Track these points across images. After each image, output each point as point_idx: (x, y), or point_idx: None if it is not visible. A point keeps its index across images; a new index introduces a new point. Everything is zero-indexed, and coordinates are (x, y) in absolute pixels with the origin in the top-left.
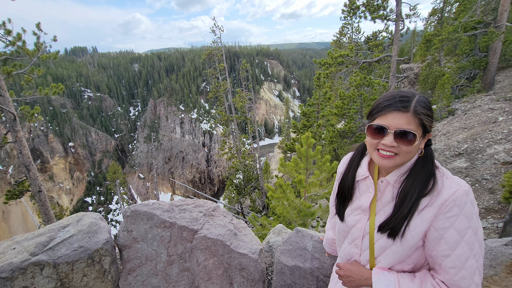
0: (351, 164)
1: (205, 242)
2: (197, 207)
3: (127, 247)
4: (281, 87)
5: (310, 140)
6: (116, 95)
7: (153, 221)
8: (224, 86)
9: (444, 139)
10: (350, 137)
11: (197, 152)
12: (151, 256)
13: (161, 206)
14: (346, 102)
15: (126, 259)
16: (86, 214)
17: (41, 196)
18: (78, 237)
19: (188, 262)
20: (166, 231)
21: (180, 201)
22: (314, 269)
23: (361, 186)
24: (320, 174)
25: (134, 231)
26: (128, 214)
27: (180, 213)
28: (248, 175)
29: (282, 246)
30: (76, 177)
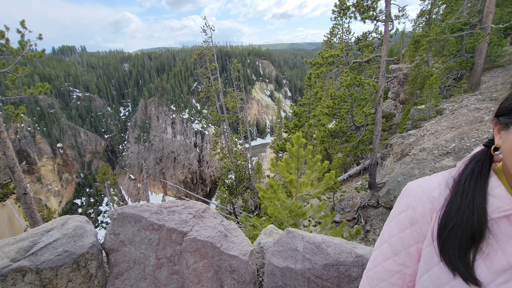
0: (464, 190)
1: (194, 244)
2: (187, 209)
3: (114, 251)
4: (273, 87)
5: (301, 140)
6: (105, 95)
7: (141, 224)
8: (215, 86)
9: (432, 138)
10: (341, 137)
11: (188, 153)
12: (139, 259)
13: (149, 208)
14: (337, 102)
15: (113, 263)
16: (72, 217)
17: (27, 198)
18: (62, 241)
19: (177, 265)
20: (155, 233)
21: (169, 202)
22: (305, 270)
23: (503, 228)
24: (311, 174)
25: (122, 234)
26: (115, 216)
27: (169, 215)
28: (240, 175)
29: (273, 247)
30: (65, 178)
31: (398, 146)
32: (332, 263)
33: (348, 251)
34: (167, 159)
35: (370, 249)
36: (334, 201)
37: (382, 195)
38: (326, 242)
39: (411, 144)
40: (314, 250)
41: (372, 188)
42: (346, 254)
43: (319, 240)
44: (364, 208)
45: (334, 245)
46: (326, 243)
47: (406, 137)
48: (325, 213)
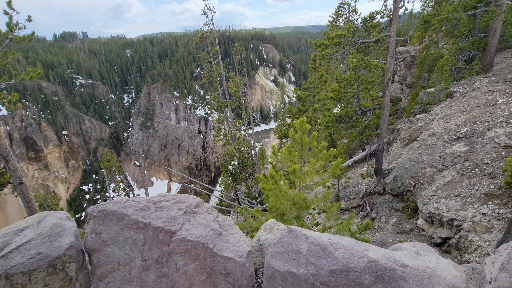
0: None
1: (184, 245)
2: (177, 204)
3: (96, 251)
4: (277, 72)
5: (305, 126)
6: (108, 81)
7: (124, 222)
8: (217, 71)
9: (442, 122)
10: (346, 122)
11: (192, 139)
12: (124, 260)
13: (134, 204)
14: (342, 85)
15: (96, 264)
16: (50, 213)
17: (23, 188)
18: (36, 242)
19: (166, 268)
20: (140, 233)
21: (159, 196)
22: (309, 276)
23: None
24: (316, 163)
25: (103, 233)
26: (95, 214)
27: (157, 211)
28: (243, 162)
29: (273, 248)
30: (72, 165)
31: (405, 131)
32: (341, 269)
33: (359, 254)
34: (171, 145)
35: (384, 252)
36: (338, 187)
37: (389, 182)
38: (333, 244)
39: (419, 129)
40: (319, 253)
41: (378, 175)
42: (357, 258)
43: (326, 241)
44: (369, 195)
45: (343, 248)
46: (334, 245)
47: (414, 122)
48: (330, 202)
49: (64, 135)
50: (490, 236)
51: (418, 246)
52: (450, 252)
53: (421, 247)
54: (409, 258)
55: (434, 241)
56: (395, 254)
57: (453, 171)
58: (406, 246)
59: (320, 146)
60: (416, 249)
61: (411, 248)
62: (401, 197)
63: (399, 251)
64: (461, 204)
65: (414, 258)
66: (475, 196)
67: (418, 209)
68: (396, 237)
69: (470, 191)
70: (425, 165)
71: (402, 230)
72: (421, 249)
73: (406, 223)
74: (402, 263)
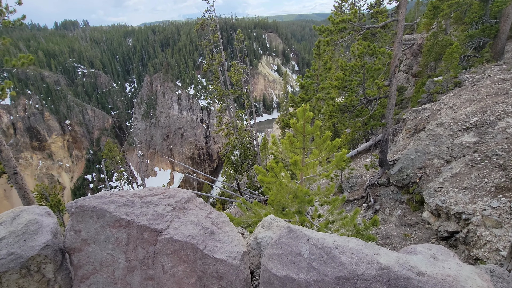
0: None
1: (171, 245)
2: (166, 199)
3: (76, 251)
4: (280, 61)
5: (308, 114)
6: (110, 71)
7: (104, 219)
8: (219, 59)
9: (450, 112)
10: (351, 111)
11: (195, 129)
12: (107, 261)
13: (118, 199)
14: (347, 73)
15: (76, 264)
16: (27, 208)
17: (17, 178)
18: (9, 241)
19: (152, 269)
20: (122, 231)
21: (147, 190)
22: (311, 283)
23: None
24: (319, 154)
25: (83, 231)
26: (73, 210)
27: (142, 207)
28: (245, 152)
29: (271, 249)
30: (75, 155)
31: (411, 121)
32: (347, 276)
33: (369, 259)
34: (174, 135)
35: (397, 257)
36: (341, 179)
37: (394, 173)
38: (339, 247)
39: (426, 118)
40: (323, 257)
41: (383, 166)
42: (365, 264)
43: (330, 243)
44: (373, 186)
45: (350, 251)
46: (340, 248)
47: (420, 112)
48: (333, 194)
49: (67, 124)
50: (500, 231)
51: (435, 249)
52: (457, 247)
53: (438, 250)
54: (426, 264)
55: (441, 235)
56: (410, 259)
57: (461, 162)
58: (421, 249)
59: (324, 136)
60: (432, 253)
61: (427, 252)
62: (406, 189)
63: (413, 255)
64: (469, 197)
65: (431, 264)
66: (484, 188)
67: (424, 202)
68: (400, 230)
69: (479, 184)
70: (432, 156)
71: (407, 223)
72: (438, 252)
73: (411, 215)
74: (418, 271)
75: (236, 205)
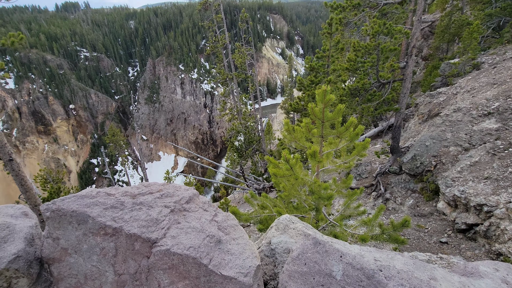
0: None
1: (168, 259)
2: (163, 198)
3: (56, 261)
4: (284, 44)
5: (329, 97)
6: (113, 54)
7: (86, 226)
8: (222, 41)
9: (468, 96)
10: (362, 95)
11: (198, 114)
12: (92, 274)
13: (104, 200)
14: (360, 54)
15: (57, 277)
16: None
17: (13, 165)
18: None
19: (145, 286)
20: (109, 240)
21: (141, 187)
22: None
23: None
24: (339, 143)
25: (62, 239)
26: (48, 215)
27: (133, 210)
28: (249, 137)
29: (292, 265)
30: (80, 139)
31: (424, 106)
32: None
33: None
34: (177, 120)
35: (460, 283)
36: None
37: (407, 161)
38: (384, 269)
39: (440, 103)
40: (362, 282)
41: (395, 153)
42: None
43: (371, 263)
44: (384, 174)
45: (399, 275)
46: (385, 271)
47: (435, 96)
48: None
49: (72, 109)
50: None
51: (503, 269)
52: (476, 240)
53: (508, 271)
54: None
55: (458, 227)
56: (477, 285)
57: (481, 150)
58: (485, 269)
59: (348, 122)
60: (502, 275)
61: (494, 274)
62: (419, 177)
63: (479, 280)
64: (492, 187)
65: None
66: (509, 179)
67: (440, 191)
68: (413, 220)
69: (503, 173)
70: (449, 143)
71: (420, 213)
72: (510, 275)
73: (425, 205)
74: None
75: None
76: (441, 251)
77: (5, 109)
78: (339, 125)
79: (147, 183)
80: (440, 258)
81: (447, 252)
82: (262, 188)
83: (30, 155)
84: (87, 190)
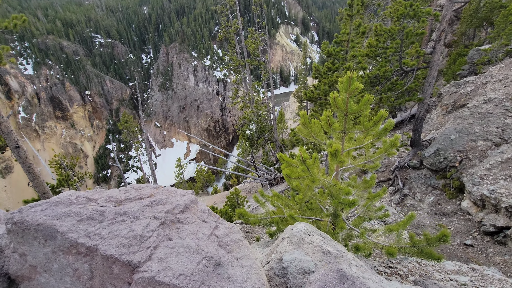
0: None
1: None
2: (153, 207)
3: (25, 279)
4: (299, 30)
5: (355, 85)
6: (127, 41)
7: (55, 243)
8: (235, 26)
9: (500, 86)
10: (382, 84)
11: (211, 101)
12: None
13: (80, 209)
14: (382, 39)
15: None
16: None
17: (20, 152)
18: None
19: None
20: (82, 261)
21: (130, 190)
22: None
23: None
24: (363, 139)
25: (29, 255)
26: (9, 227)
27: (114, 223)
28: (261, 126)
29: None
30: (96, 125)
31: (449, 96)
32: None
33: None
34: (190, 107)
35: None
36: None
37: (429, 155)
38: None
39: (467, 93)
40: None
41: (415, 146)
42: None
43: None
44: (402, 168)
45: None
46: None
47: (461, 85)
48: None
49: (87, 95)
50: None
51: None
52: (506, 244)
53: None
54: None
55: (485, 229)
56: None
57: None
58: None
59: (377, 115)
60: None
61: None
62: (442, 173)
63: None
64: None
65: None
66: None
67: (465, 189)
68: (434, 219)
69: None
70: (477, 137)
71: (442, 212)
72: None
73: (447, 203)
74: None
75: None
76: (466, 254)
77: (25, 95)
78: (366, 119)
79: (137, 186)
80: (472, 269)
81: (473, 256)
82: (273, 179)
83: (49, 140)
84: (65, 194)
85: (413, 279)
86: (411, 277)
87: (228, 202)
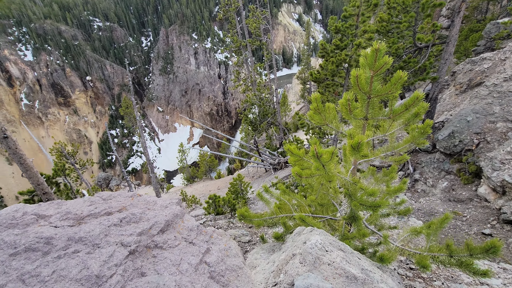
0: None
1: None
2: (122, 226)
3: None
4: (302, 9)
5: (382, 60)
6: (126, 24)
7: None
8: (235, 4)
9: None
10: (394, 62)
11: (213, 84)
12: None
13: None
14: (395, 13)
15: None
16: None
17: (9, 143)
18: None
19: None
20: None
21: (98, 200)
22: None
23: None
24: (389, 127)
25: None
26: None
27: (63, 257)
28: (264, 110)
29: None
30: (99, 110)
31: (464, 75)
32: None
33: None
34: (192, 91)
35: None
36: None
37: (442, 138)
38: None
39: (484, 71)
40: None
41: None
42: None
43: None
44: (413, 152)
45: None
46: None
47: (477, 62)
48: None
49: (88, 80)
50: None
51: None
52: None
53: None
54: None
55: (506, 217)
56: None
57: None
58: None
59: (410, 98)
60: None
61: None
62: (457, 157)
63: None
64: None
65: None
66: None
67: (482, 174)
68: (448, 206)
69: None
70: (496, 118)
71: (456, 198)
72: None
73: (462, 189)
74: None
75: (257, 164)
76: None
77: (26, 82)
78: (395, 102)
79: (107, 195)
80: (504, 270)
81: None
82: (277, 163)
83: (53, 126)
84: (8, 210)
85: (439, 284)
86: (437, 281)
87: (231, 189)
